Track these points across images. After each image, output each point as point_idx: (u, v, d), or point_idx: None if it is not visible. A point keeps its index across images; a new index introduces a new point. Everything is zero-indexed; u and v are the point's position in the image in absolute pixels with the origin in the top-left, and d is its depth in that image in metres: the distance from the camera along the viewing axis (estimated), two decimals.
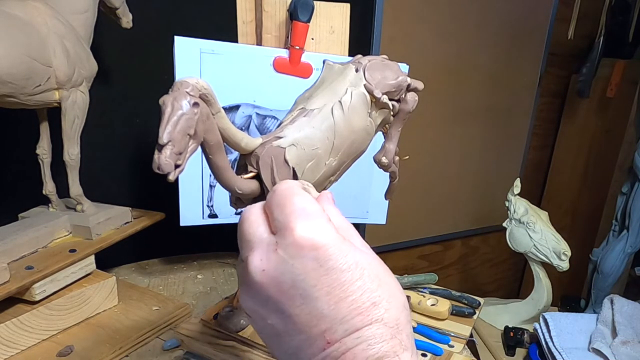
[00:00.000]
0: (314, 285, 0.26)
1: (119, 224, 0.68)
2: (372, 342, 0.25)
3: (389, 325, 0.26)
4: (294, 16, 0.69)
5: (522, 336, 0.98)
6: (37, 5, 0.57)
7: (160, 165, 0.26)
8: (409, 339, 0.27)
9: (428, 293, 0.88)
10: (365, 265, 0.27)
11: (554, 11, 1.53)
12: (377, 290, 0.26)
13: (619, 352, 0.84)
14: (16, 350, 0.54)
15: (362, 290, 0.26)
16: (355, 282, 0.26)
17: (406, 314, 0.28)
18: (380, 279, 0.27)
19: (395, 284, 0.28)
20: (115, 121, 0.88)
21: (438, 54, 1.30)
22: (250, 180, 0.34)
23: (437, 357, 0.73)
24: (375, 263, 0.28)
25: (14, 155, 0.77)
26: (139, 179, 0.94)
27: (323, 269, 0.26)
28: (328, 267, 0.26)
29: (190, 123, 0.27)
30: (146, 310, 0.65)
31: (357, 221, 0.82)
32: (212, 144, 0.29)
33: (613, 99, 1.58)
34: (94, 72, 0.64)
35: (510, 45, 1.48)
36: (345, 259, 0.26)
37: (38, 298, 0.56)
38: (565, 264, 0.99)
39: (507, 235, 1.09)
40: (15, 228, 0.61)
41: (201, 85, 0.27)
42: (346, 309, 0.25)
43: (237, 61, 0.70)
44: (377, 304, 0.26)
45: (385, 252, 1.48)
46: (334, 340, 0.26)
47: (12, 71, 0.52)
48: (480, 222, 1.66)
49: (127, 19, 0.72)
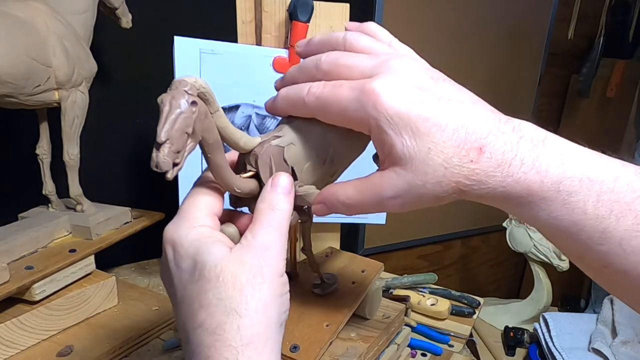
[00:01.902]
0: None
1: (118, 224, 0.68)
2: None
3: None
4: (294, 16, 0.70)
5: (522, 336, 0.98)
6: (37, 5, 0.57)
7: (159, 164, 0.26)
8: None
9: (428, 293, 0.88)
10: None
11: (554, 11, 1.53)
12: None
13: (619, 352, 0.84)
14: (16, 350, 0.54)
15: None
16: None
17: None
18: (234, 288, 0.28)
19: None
20: (115, 121, 0.88)
21: (438, 54, 1.30)
22: (249, 179, 0.34)
23: (436, 356, 0.74)
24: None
25: (14, 155, 0.77)
26: (139, 179, 0.94)
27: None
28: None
29: (189, 122, 0.27)
30: (146, 310, 0.65)
31: (357, 221, 0.82)
32: (211, 143, 0.29)
33: (613, 99, 1.58)
34: (93, 72, 0.64)
35: (510, 45, 1.48)
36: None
37: (38, 298, 0.56)
38: (565, 264, 0.99)
39: (507, 235, 1.10)
40: (15, 228, 0.61)
41: (199, 84, 0.27)
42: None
43: (237, 61, 0.70)
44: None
45: (385, 252, 1.48)
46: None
47: (12, 71, 0.52)
48: (480, 222, 1.66)
49: (127, 19, 0.72)
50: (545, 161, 0.28)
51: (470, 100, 0.30)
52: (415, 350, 0.73)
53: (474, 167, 0.28)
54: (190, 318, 0.28)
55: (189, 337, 0.28)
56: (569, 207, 0.27)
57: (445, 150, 0.28)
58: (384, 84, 0.29)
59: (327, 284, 0.52)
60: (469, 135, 0.28)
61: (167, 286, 0.31)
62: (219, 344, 0.26)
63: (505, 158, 0.28)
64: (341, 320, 0.48)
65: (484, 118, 0.29)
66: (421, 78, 0.30)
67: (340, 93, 0.31)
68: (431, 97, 0.29)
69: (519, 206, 0.29)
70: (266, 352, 0.27)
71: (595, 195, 0.27)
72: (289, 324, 0.45)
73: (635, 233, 0.26)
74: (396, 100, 0.29)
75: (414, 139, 0.28)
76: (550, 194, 0.27)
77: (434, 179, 0.29)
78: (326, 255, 0.61)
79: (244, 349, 0.26)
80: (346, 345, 0.49)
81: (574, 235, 0.28)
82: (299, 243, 0.49)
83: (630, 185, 0.27)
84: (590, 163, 0.28)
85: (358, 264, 0.58)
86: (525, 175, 0.27)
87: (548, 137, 0.29)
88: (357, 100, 0.30)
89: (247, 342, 0.26)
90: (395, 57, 0.32)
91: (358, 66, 0.32)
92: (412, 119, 0.28)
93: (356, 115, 0.30)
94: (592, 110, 1.65)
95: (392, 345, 0.57)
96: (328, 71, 0.33)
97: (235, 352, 0.26)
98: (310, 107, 0.33)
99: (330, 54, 0.34)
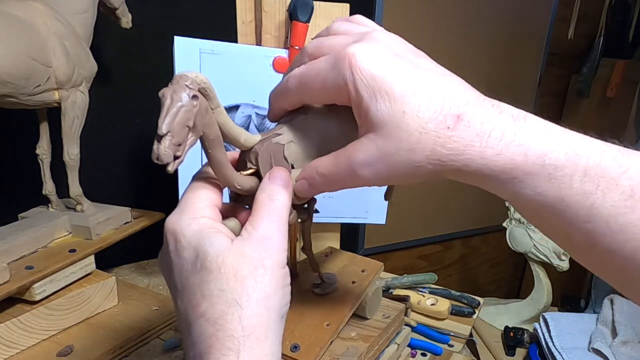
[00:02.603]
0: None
1: (118, 224, 0.68)
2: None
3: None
4: (294, 16, 0.70)
5: (522, 336, 0.98)
6: (37, 5, 0.57)
7: (159, 156, 0.26)
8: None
9: (428, 293, 0.88)
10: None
11: (554, 11, 1.53)
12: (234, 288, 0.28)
13: (619, 352, 0.84)
14: (16, 350, 0.54)
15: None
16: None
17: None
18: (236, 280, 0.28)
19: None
20: (115, 121, 0.88)
21: (438, 54, 1.29)
22: (250, 176, 0.34)
23: (436, 356, 0.74)
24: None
25: (14, 155, 0.77)
26: (139, 179, 0.94)
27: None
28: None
29: (189, 115, 0.27)
30: (146, 310, 0.65)
31: (357, 221, 0.82)
32: (212, 139, 0.29)
33: (613, 99, 1.58)
34: (93, 72, 0.64)
35: (510, 45, 1.48)
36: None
37: (38, 298, 0.56)
38: (565, 264, 1.00)
39: (507, 235, 1.10)
40: (15, 228, 0.61)
41: (200, 79, 0.28)
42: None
43: (237, 61, 0.70)
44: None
45: (385, 252, 1.48)
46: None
47: (12, 71, 0.52)
48: (480, 222, 1.66)
49: (127, 19, 0.72)
50: (528, 135, 0.27)
51: (448, 74, 0.30)
52: (415, 350, 0.73)
53: (450, 135, 0.27)
54: (192, 308, 0.28)
55: (191, 327, 0.28)
56: (554, 182, 0.26)
57: (420, 115, 0.27)
58: (360, 48, 0.29)
59: (327, 284, 0.52)
60: (446, 102, 0.27)
61: (167, 277, 0.31)
62: (221, 334, 0.26)
63: (484, 129, 0.27)
64: (341, 320, 0.48)
65: (462, 89, 0.28)
66: (399, 48, 0.30)
67: (318, 66, 0.31)
68: (408, 65, 0.29)
69: (501, 183, 0.28)
70: (267, 343, 0.27)
71: (582, 169, 0.26)
72: (289, 323, 0.45)
73: (621, 210, 0.25)
74: (371, 63, 0.28)
75: (388, 102, 0.27)
76: (535, 168, 0.26)
77: (408, 145, 0.28)
78: (326, 255, 0.61)
79: (245, 339, 0.26)
80: (346, 345, 0.49)
81: (560, 212, 0.27)
82: (299, 243, 0.49)
83: (616, 161, 0.26)
84: (574, 138, 0.27)
85: (358, 263, 0.58)
86: (507, 148, 0.26)
87: (529, 116, 0.28)
88: (334, 67, 0.29)
89: (248, 332, 0.26)
90: (377, 30, 0.31)
91: (339, 43, 0.31)
92: (387, 81, 0.28)
93: (335, 83, 0.30)
94: (592, 110, 1.65)
95: (392, 345, 0.57)
96: (312, 54, 0.33)
97: (237, 342, 0.26)
98: (293, 89, 0.33)
99: (316, 39, 0.34)
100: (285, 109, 0.36)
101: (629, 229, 0.26)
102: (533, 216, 0.29)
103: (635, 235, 0.26)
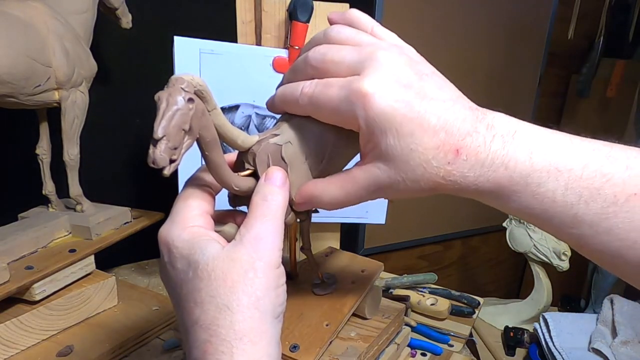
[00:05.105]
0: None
1: (118, 224, 0.69)
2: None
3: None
4: (294, 16, 0.70)
5: (522, 336, 0.98)
6: (37, 5, 0.57)
7: (155, 160, 0.26)
8: None
9: (428, 293, 0.88)
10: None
11: (554, 11, 1.53)
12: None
13: (619, 352, 0.84)
14: (16, 350, 0.54)
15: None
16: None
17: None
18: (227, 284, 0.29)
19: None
20: (115, 121, 0.88)
21: (438, 54, 1.30)
22: (247, 177, 0.34)
23: (436, 356, 0.74)
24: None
25: (14, 155, 0.77)
26: (139, 179, 0.94)
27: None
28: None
29: (185, 118, 0.27)
30: (146, 310, 0.65)
31: (357, 221, 0.82)
32: (208, 141, 0.29)
33: (613, 99, 1.58)
34: (93, 72, 0.64)
35: (510, 45, 1.48)
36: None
37: (38, 298, 0.56)
38: (565, 264, 1.00)
39: (507, 235, 1.10)
40: (15, 228, 0.61)
41: (196, 82, 0.27)
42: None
43: (237, 61, 0.70)
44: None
45: (385, 252, 1.48)
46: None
47: (12, 71, 0.52)
48: (480, 222, 1.66)
49: (127, 19, 0.72)
50: (514, 156, 0.29)
51: (451, 98, 0.31)
52: (415, 350, 0.73)
53: (450, 169, 0.30)
54: (187, 316, 0.29)
55: (188, 334, 0.29)
56: (538, 198, 0.29)
57: (425, 152, 0.30)
58: (371, 84, 0.30)
59: (327, 284, 0.52)
60: (447, 137, 0.30)
61: (167, 286, 0.32)
62: (214, 339, 0.27)
63: (478, 159, 0.30)
64: (341, 320, 0.48)
65: (462, 118, 0.30)
66: (406, 74, 0.31)
67: (331, 93, 0.32)
68: (415, 97, 0.30)
69: (491, 199, 0.31)
70: (262, 345, 0.28)
71: (563, 184, 0.28)
72: (289, 323, 0.45)
73: (604, 215, 0.28)
74: (382, 102, 0.30)
75: (397, 139, 0.30)
76: (519, 187, 0.29)
77: (413, 177, 0.31)
78: (326, 255, 0.61)
79: (238, 342, 0.27)
80: (346, 345, 0.49)
81: (547, 221, 0.30)
82: (299, 243, 0.49)
83: (599, 171, 0.28)
84: (559, 152, 0.29)
85: (358, 263, 0.58)
86: (495, 174, 0.30)
87: (518, 130, 0.30)
88: (347, 100, 0.31)
89: (241, 336, 0.27)
90: (380, 48, 0.32)
91: (344, 61, 0.33)
92: (398, 120, 0.30)
93: (347, 115, 0.32)
94: (592, 110, 1.65)
95: (391, 344, 0.57)
96: (316, 67, 0.34)
97: (230, 346, 0.27)
98: (304, 107, 0.34)
99: (316, 49, 0.34)
100: (288, 112, 0.37)
101: (614, 231, 0.28)
102: (526, 220, 0.33)
103: (619, 236, 0.28)
